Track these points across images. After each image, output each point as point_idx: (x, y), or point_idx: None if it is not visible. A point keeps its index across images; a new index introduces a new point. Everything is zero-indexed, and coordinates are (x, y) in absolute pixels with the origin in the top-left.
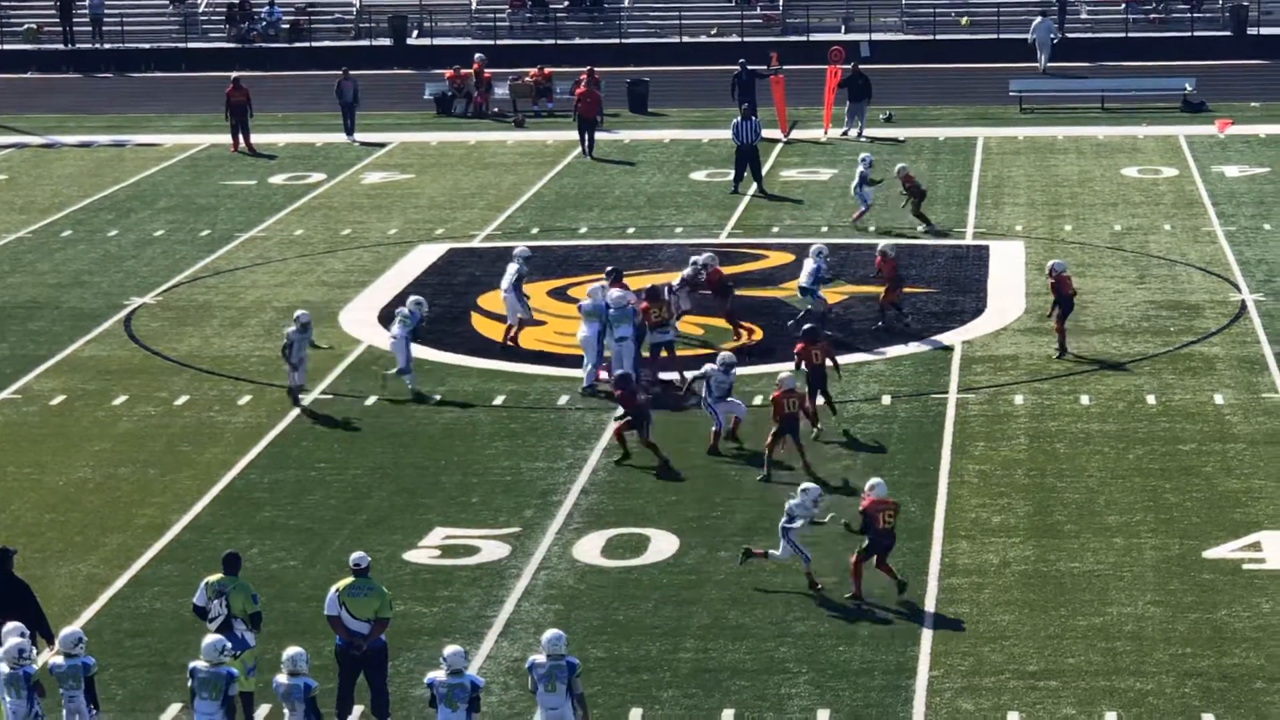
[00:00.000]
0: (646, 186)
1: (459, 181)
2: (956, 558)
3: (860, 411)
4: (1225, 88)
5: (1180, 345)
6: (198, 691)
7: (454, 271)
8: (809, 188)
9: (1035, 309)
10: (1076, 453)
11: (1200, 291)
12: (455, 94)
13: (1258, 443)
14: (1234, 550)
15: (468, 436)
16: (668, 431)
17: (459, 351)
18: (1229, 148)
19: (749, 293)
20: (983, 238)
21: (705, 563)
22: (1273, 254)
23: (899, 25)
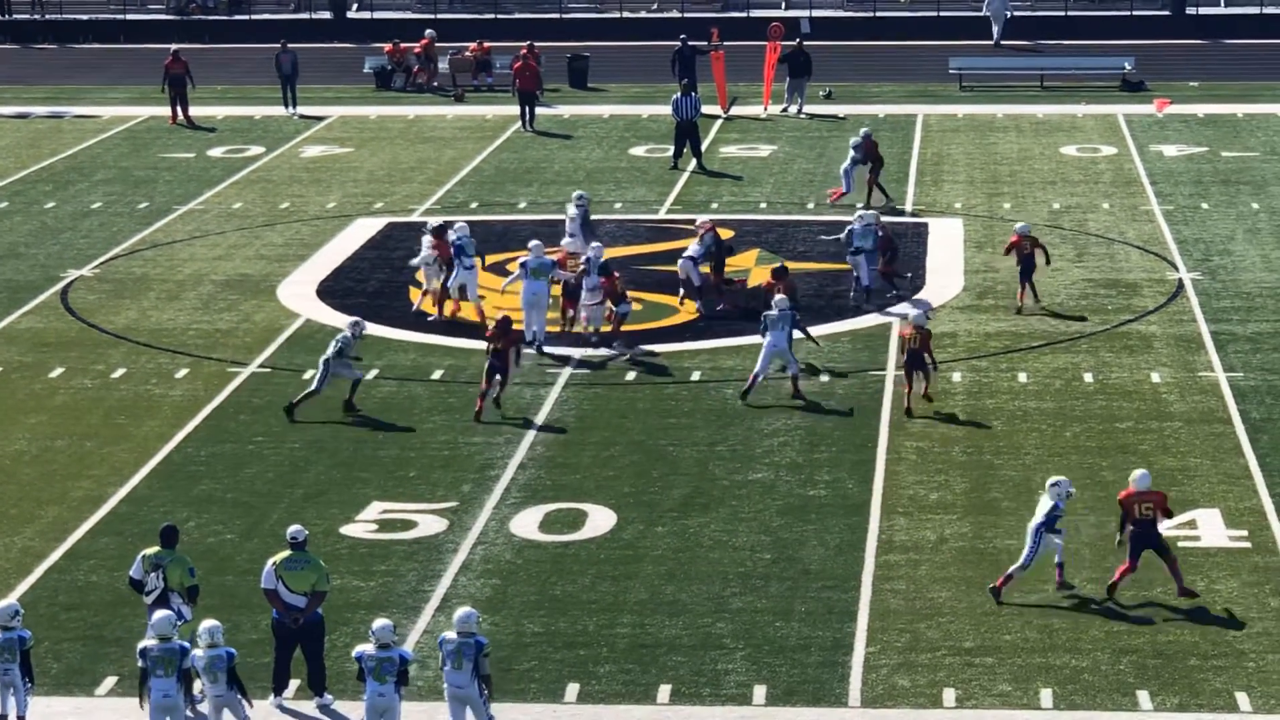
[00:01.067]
0: (586, 162)
1: (398, 155)
2: (894, 534)
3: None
4: (1164, 67)
5: (1118, 323)
6: (152, 670)
7: (393, 246)
8: (748, 164)
9: (973, 286)
10: (1014, 430)
11: (1138, 270)
12: (395, 68)
13: (1194, 421)
14: (1170, 528)
15: (405, 411)
16: (607, 405)
17: (397, 325)
18: (1167, 127)
19: None
20: (922, 215)
21: (642, 538)
22: (1210, 233)
23: (840, 2)
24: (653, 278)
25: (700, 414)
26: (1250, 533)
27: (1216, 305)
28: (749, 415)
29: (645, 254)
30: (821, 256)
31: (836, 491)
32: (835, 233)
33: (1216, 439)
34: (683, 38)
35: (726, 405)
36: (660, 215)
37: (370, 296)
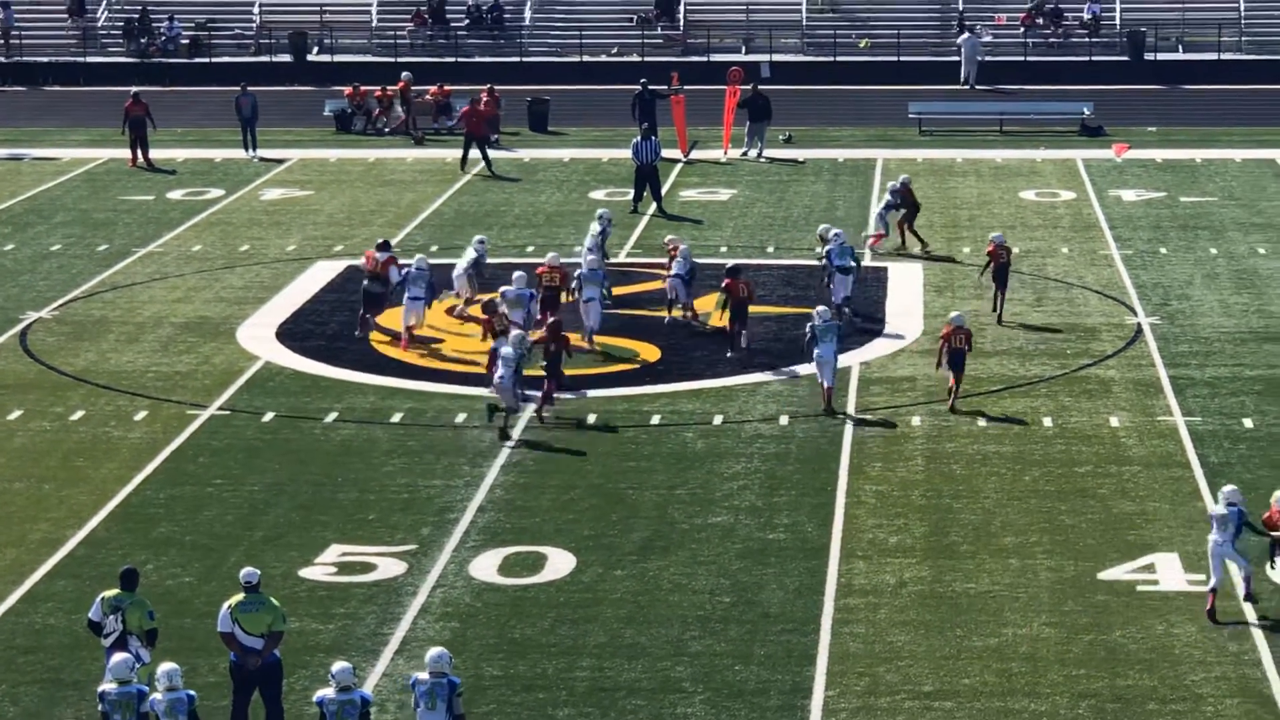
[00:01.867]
0: (546, 205)
1: (358, 198)
2: (853, 578)
3: (758, 431)
4: (1123, 112)
5: (1077, 368)
6: (110, 713)
7: (352, 289)
8: (708, 208)
9: (933, 330)
10: (973, 474)
11: (1097, 314)
12: (355, 111)
13: (1153, 465)
14: (1128, 572)
15: (365, 454)
16: (567, 448)
17: (356, 369)
18: (1126, 171)
19: (647, 312)
20: (881, 259)
21: (602, 581)
22: (1168, 278)
23: (799, 46)
24: (616, 320)
25: (660, 458)
26: (1208, 576)
27: (1175, 350)
28: (708, 459)
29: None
30: (780, 300)
31: (796, 535)
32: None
33: (1175, 483)
34: (643, 82)
35: (686, 449)
36: (621, 259)
37: (330, 339)
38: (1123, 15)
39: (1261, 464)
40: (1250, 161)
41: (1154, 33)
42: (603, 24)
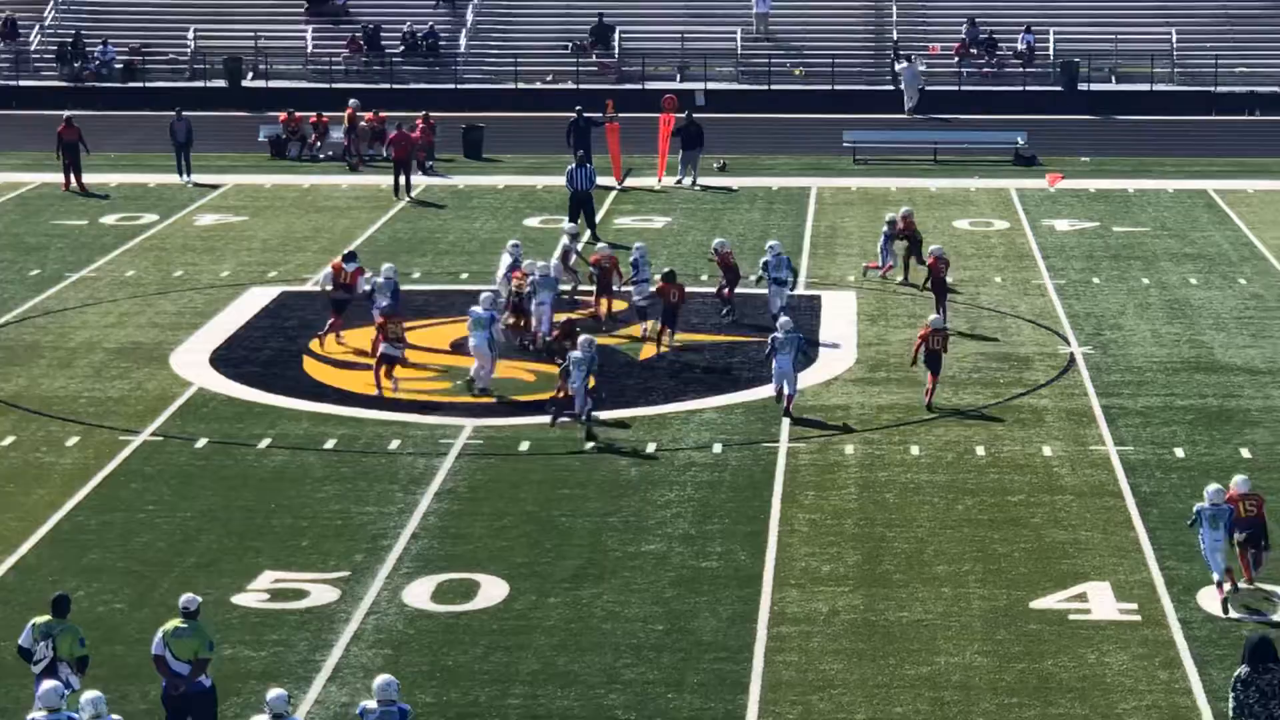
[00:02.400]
0: (480, 232)
1: (292, 224)
2: (786, 606)
3: (692, 459)
4: (1056, 142)
5: (1010, 397)
6: None
7: (286, 315)
8: (643, 235)
9: (866, 359)
10: (906, 503)
11: (1030, 344)
12: (290, 136)
13: (1085, 494)
14: (1060, 601)
15: (298, 480)
16: (500, 475)
17: (289, 395)
18: (1059, 201)
19: None
20: (815, 288)
21: (535, 609)
22: (1101, 308)
23: (734, 75)
24: (547, 348)
25: (593, 485)
26: (1140, 605)
27: (1107, 379)
28: (642, 486)
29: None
30: (714, 328)
31: (729, 563)
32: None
33: (1107, 512)
34: (578, 109)
35: (619, 476)
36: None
37: (264, 365)
38: (1056, 46)
39: (1193, 494)
40: (1182, 192)
41: (1087, 63)
42: (538, 51)
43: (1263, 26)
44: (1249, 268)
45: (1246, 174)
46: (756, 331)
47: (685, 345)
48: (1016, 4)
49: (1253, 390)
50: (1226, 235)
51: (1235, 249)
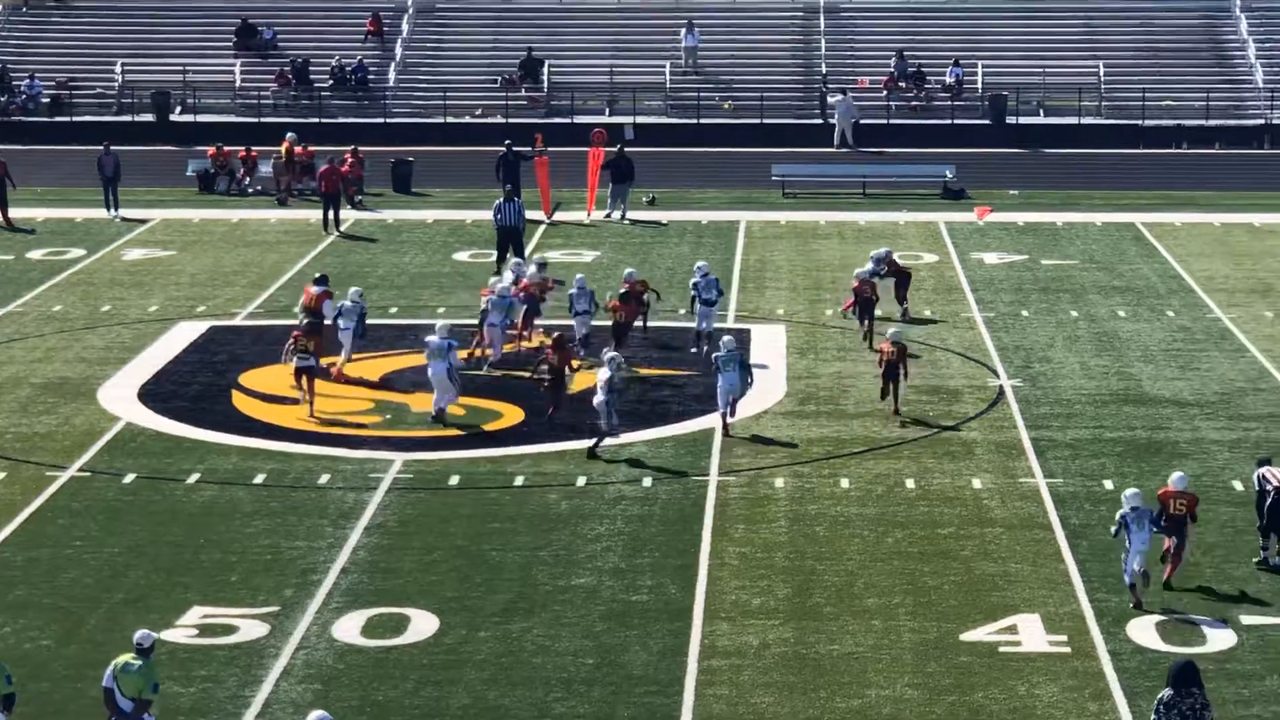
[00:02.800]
0: (409, 266)
1: (221, 259)
2: (716, 639)
3: (622, 493)
4: (985, 175)
5: (939, 430)
6: None
7: (215, 349)
8: (572, 269)
9: (796, 392)
10: (836, 536)
11: (959, 377)
12: (219, 171)
13: (1014, 527)
14: (990, 633)
15: (227, 515)
16: (430, 510)
17: (219, 429)
18: (988, 234)
19: (512, 374)
20: (744, 321)
21: (465, 643)
22: (1030, 340)
23: (663, 108)
24: (474, 383)
25: (523, 519)
26: (1070, 638)
27: (1036, 412)
28: (572, 520)
29: (468, 358)
30: (644, 362)
31: (659, 596)
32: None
33: (1037, 544)
34: (507, 143)
35: (550, 510)
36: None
37: (193, 400)
38: (984, 79)
39: None
40: (1110, 225)
41: (1015, 97)
42: (467, 85)
43: (1188, 60)
44: (1177, 300)
45: (1174, 207)
46: (685, 364)
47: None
48: (944, 37)
49: (1181, 422)
50: (1154, 268)
51: (1163, 281)
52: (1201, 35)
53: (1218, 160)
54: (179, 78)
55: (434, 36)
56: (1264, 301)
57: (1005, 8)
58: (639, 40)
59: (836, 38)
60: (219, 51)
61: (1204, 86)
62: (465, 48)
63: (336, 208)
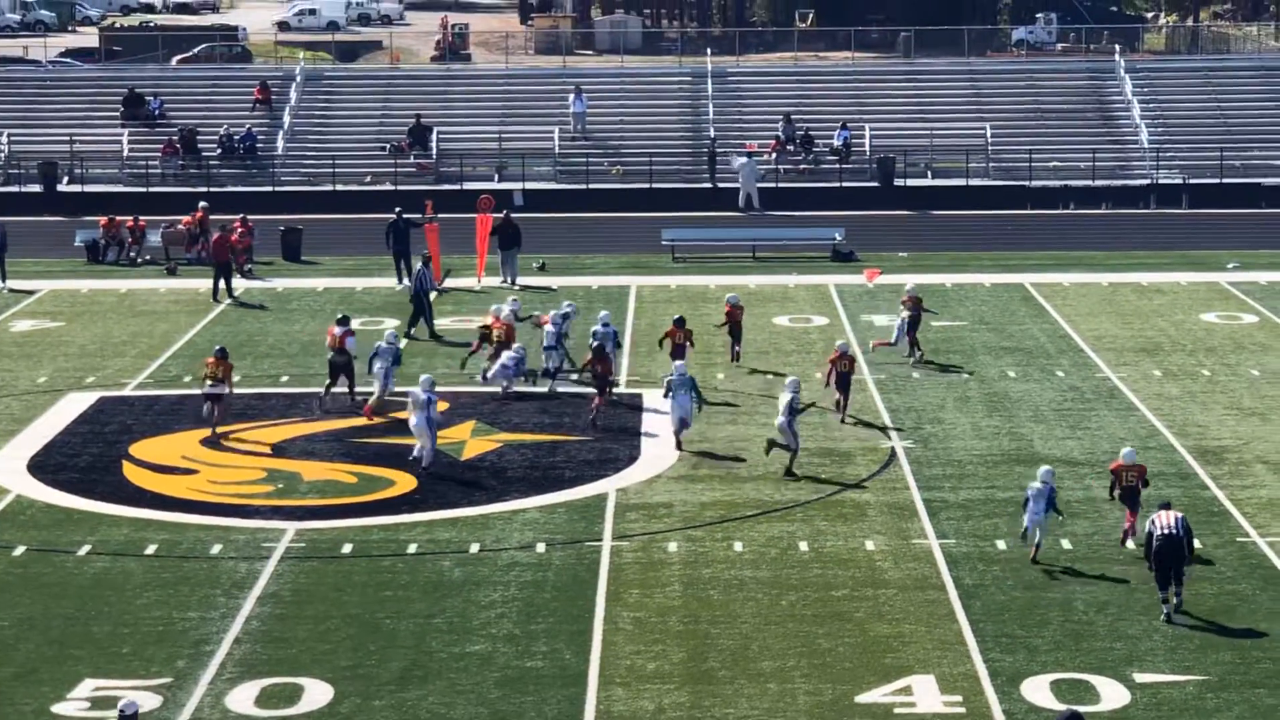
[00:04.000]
0: (300, 335)
1: (110, 329)
2: (611, 704)
3: (515, 559)
4: (873, 238)
5: (832, 492)
6: None
7: (105, 420)
8: (464, 336)
9: (688, 456)
10: (730, 599)
11: (851, 439)
12: (108, 242)
13: (908, 588)
14: (885, 694)
15: (119, 586)
16: (323, 579)
17: (110, 500)
18: (877, 296)
19: (406, 440)
20: (636, 386)
21: (360, 712)
22: (921, 401)
23: (552, 174)
24: (367, 450)
25: (417, 586)
26: (965, 698)
27: (928, 473)
28: (466, 587)
29: (361, 426)
30: (535, 428)
31: (554, 662)
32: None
33: (930, 605)
34: (397, 210)
35: (443, 577)
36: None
37: (83, 471)
38: (872, 142)
39: (1015, 585)
40: (999, 286)
41: (903, 159)
42: (355, 153)
43: (1074, 121)
44: (1066, 360)
45: (1062, 267)
46: (577, 430)
47: (506, 444)
48: (832, 101)
49: (1072, 481)
50: (1044, 328)
51: (1053, 341)
52: (1087, 96)
53: (1104, 220)
54: (66, 148)
55: (322, 104)
56: (1152, 360)
57: (891, 71)
58: (527, 106)
59: (724, 103)
60: (106, 121)
61: (1090, 147)
62: (353, 115)
63: (227, 276)
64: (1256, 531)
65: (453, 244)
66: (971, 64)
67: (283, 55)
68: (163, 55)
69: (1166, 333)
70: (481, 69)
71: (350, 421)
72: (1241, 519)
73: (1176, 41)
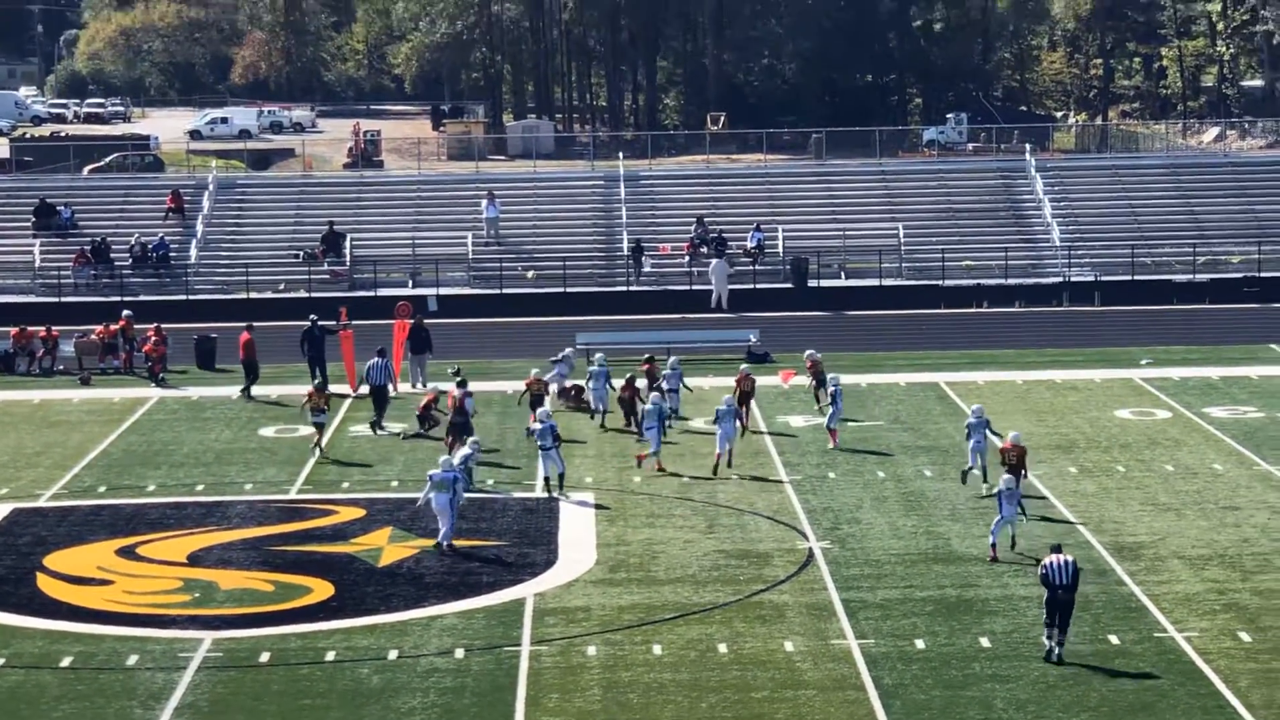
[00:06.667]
0: (215, 443)
1: (23, 440)
2: None
3: (434, 665)
4: (788, 339)
5: (750, 594)
6: None
7: (18, 532)
8: (378, 443)
9: (606, 560)
10: (649, 702)
11: (769, 540)
12: (19, 352)
13: (828, 689)
14: None
15: (33, 700)
16: (241, 688)
17: (24, 613)
18: (793, 398)
19: (321, 548)
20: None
21: None
22: (838, 502)
23: (466, 279)
24: (284, 558)
25: (336, 694)
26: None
27: (847, 573)
28: (385, 694)
29: (277, 534)
30: (460, 533)
31: None
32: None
33: (850, 706)
34: (312, 318)
35: (361, 685)
36: (291, 495)
37: None
38: (785, 243)
39: (935, 684)
40: (915, 385)
41: (817, 259)
42: (269, 261)
43: (986, 220)
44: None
45: (976, 365)
46: (494, 534)
47: (423, 550)
48: (745, 202)
49: (990, 579)
50: (959, 427)
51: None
52: (999, 195)
53: (1018, 318)
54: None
55: (235, 212)
56: (1067, 457)
57: (803, 172)
58: (440, 212)
59: (638, 205)
60: (18, 231)
61: (1002, 245)
62: (267, 223)
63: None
64: (1174, 626)
65: (367, 351)
66: (883, 164)
67: (195, 164)
68: (74, 165)
69: (1081, 429)
70: (394, 175)
71: (268, 529)
72: (1159, 614)
73: (1086, 140)
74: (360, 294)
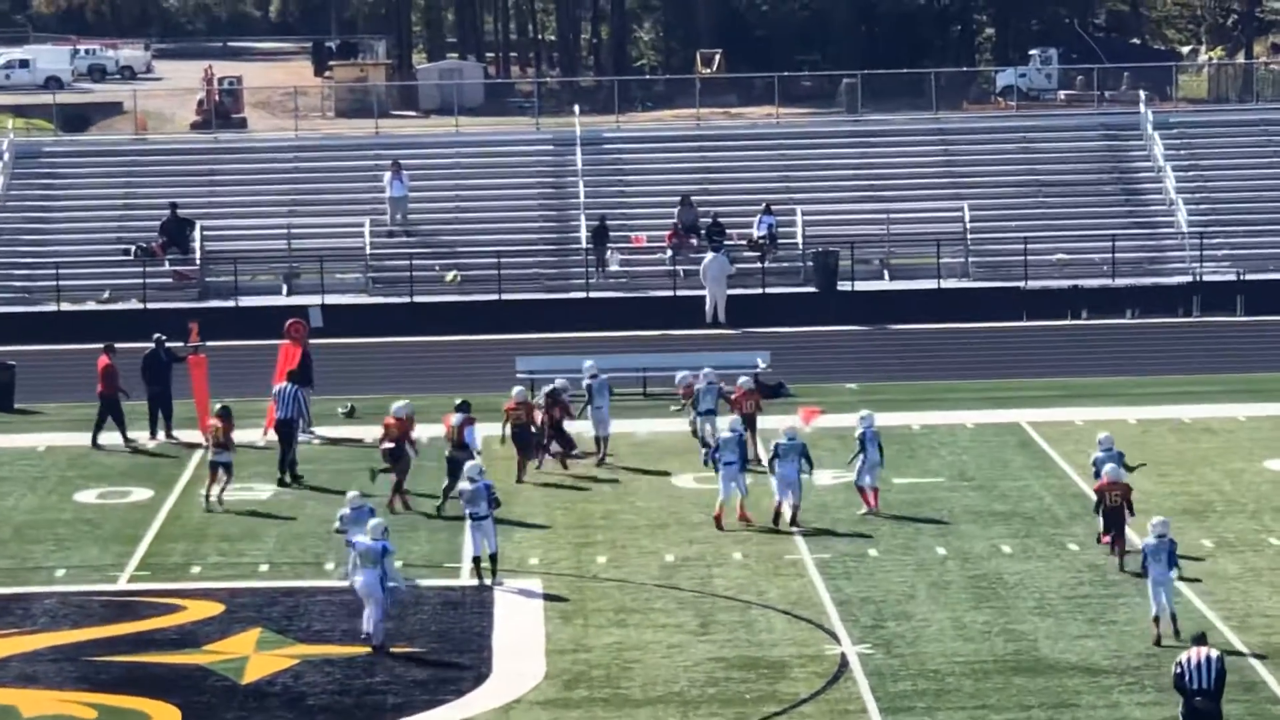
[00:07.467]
0: (14, 513)
1: None
2: None
3: None
4: (811, 363)
5: (762, 718)
6: None
7: None
8: (240, 511)
9: (560, 671)
10: None
11: (784, 643)
12: None
13: None
14: None
15: None
16: None
17: None
18: (819, 445)
19: (164, 658)
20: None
21: None
22: (881, 589)
23: (362, 284)
24: (111, 673)
25: None
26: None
27: (894, 689)
28: None
29: (101, 639)
30: (343, 636)
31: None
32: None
33: None
34: (157, 337)
35: None
36: (121, 585)
37: None
38: (806, 231)
39: None
40: (986, 426)
41: (850, 254)
42: (88, 260)
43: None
44: (1081, 528)
45: (1072, 399)
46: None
47: (303, 659)
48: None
49: (1094, 696)
50: (1048, 484)
51: (1061, 502)
52: (1103, 163)
53: (1130, 334)
54: None
55: (40, 192)
56: (1200, 525)
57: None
58: (326, 191)
59: (600, 180)
60: None
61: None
62: (84, 207)
63: None
64: None
65: (228, 383)
66: (942, 121)
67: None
68: None
69: (1219, 487)
70: (261, 139)
71: (88, 632)
72: None
73: (1224, 86)
74: (215, 304)
